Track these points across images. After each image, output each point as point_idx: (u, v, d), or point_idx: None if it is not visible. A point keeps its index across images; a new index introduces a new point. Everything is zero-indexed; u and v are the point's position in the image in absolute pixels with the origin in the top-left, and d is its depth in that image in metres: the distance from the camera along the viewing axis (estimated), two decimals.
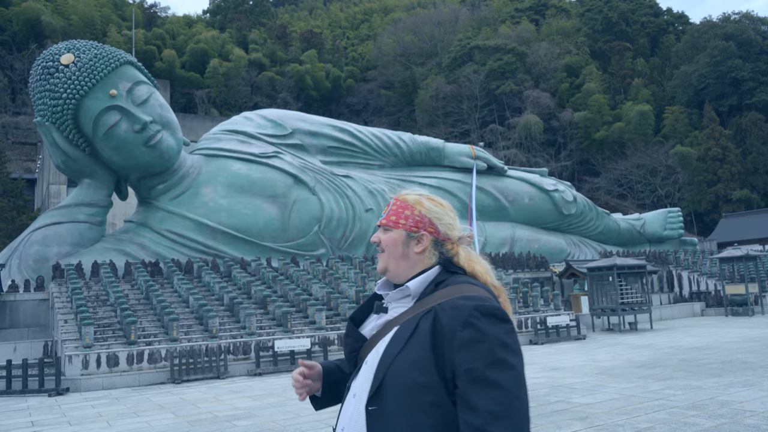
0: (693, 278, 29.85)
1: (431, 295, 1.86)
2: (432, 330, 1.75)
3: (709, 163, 52.96)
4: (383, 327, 1.92)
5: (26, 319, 18.79)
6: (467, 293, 1.79)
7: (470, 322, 1.70)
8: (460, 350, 1.69)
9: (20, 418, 10.77)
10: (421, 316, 1.81)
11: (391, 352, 1.79)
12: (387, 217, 2.02)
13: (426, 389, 1.70)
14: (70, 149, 21.01)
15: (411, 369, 1.73)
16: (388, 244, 1.98)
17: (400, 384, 1.73)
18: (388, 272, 1.99)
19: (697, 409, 8.16)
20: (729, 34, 60.88)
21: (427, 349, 1.73)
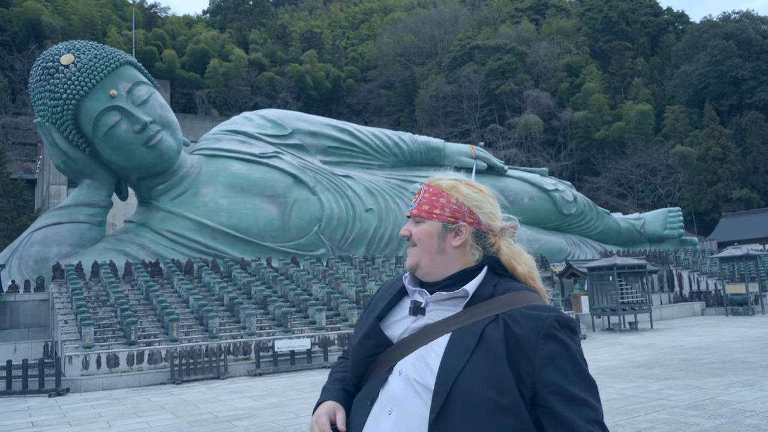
0: (693, 278, 29.84)
1: (488, 302, 1.65)
2: (506, 341, 1.55)
3: (710, 163, 52.95)
4: (420, 331, 1.67)
5: (26, 320, 18.80)
6: (533, 302, 1.64)
7: (553, 334, 1.55)
8: (545, 366, 1.53)
9: (20, 418, 10.77)
10: (485, 325, 1.58)
11: (453, 366, 1.54)
12: (419, 206, 1.77)
13: (508, 412, 1.49)
14: (70, 150, 21.01)
15: (485, 387, 1.50)
16: (421, 237, 1.76)
17: (474, 405, 1.49)
18: (419, 269, 1.76)
19: (697, 408, 8.15)
20: (729, 33, 60.86)
21: (503, 364, 1.52)
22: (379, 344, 1.72)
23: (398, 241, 26.00)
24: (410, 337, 1.68)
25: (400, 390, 1.61)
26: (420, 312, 1.71)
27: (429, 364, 1.60)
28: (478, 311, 1.63)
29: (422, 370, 1.60)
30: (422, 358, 1.62)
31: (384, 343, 1.72)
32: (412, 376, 1.61)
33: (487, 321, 1.59)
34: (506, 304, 1.63)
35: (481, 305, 1.64)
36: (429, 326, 1.67)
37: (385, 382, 1.66)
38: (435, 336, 1.64)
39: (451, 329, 1.63)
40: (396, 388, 1.62)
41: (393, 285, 1.88)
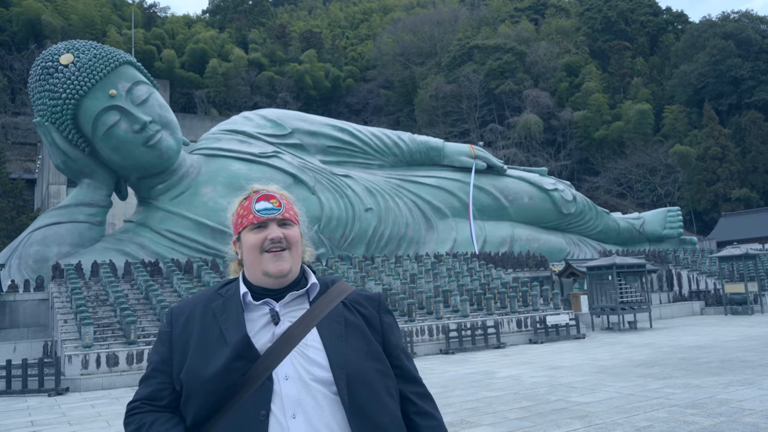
0: (692, 277, 29.86)
1: (327, 293, 1.85)
2: (364, 321, 1.83)
3: (709, 162, 52.98)
4: (285, 335, 1.72)
5: (26, 319, 18.80)
6: (352, 288, 1.94)
7: (387, 309, 1.93)
8: (389, 333, 1.88)
9: (20, 417, 10.78)
10: (342, 312, 1.81)
11: (338, 351, 1.72)
12: (287, 210, 1.84)
13: (386, 375, 1.78)
14: (69, 149, 21.01)
15: (367, 360, 1.75)
16: (297, 239, 1.83)
17: (367, 378, 1.72)
18: (290, 274, 1.80)
19: (696, 407, 8.17)
20: (728, 33, 60.89)
21: (371, 338, 1.81)
22: (250, 361, 1.70)
23: (398, 240, 26.02)
24: (278, 343, 1.72)
25: (296, 392, 1.67)
26: (278, 319, 1.77)
27: (313, 358, 1.71)
28: (325, 302, 1.81)
29: (309, 366, 1.70)
30: (303, 356, 1.71)
31: (255, 357, 1.70)
32: (302, 375, 1.69)
33: (341, 308, 1.82)
34: (341, 292, 1.87)
35: (324, 297, 1.83)
36: (292, 327, 1.75)
37: (271, 392, 1.66)
38: (302, 334, 1.74)
39: (314, 324, 1.76)
40: (291, 392, 1.66)
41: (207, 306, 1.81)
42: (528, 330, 19.81)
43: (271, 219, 1.80)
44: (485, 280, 23.22)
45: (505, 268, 25.78)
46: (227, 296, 1.83)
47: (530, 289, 21.93)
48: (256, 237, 1.79)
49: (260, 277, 1.80)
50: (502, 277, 23.63)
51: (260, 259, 1.78)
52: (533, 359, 14.85)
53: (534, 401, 9.25)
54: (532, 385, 10.91)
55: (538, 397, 9.56)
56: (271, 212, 1.80)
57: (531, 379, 11.66)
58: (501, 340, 18.55)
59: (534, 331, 19.33)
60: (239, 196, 1.92)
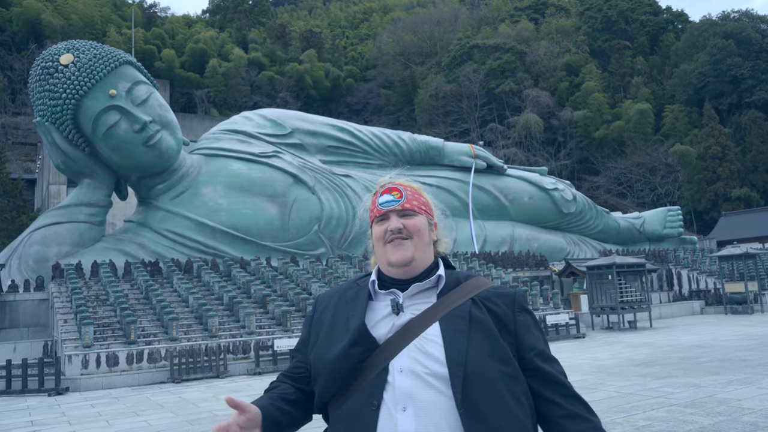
0: (692, 277, 29.86)
1: (457, 289, 1.79)
2: (492, 319, 1.73)
3: (709, 162, 52.97)
4: (406, 327, 1.73)
5: (26, 319, 18.81)
6: (490, 284, 1.85)
7: (523, 307, 1.82)
8: (525, 333, 1.77)
9: (20, 417, 10.79)
10: (469, 308, 1.73)
11: (458, 347, 1.66)
12: (409, 200, 1.86)
13: (514, 378, 1.68)
14: (69, 149, 21.02)
15: (492, 360, 1.66)
16: (418, 229, 1.83)
17: (488, 378, 1.63)
18: (414, 261, 1.81)
19: (695, 406, 8.17)
20: (728, 32, 60.87)
21: (498, 338, 1.71)
22: (367, 349, 1.73)
23: None
24: (397, 335, 1.72)
25: (408, 385, 1.64)
26: (401, 309, 1.77)
27: (430, 353, 1.67)
28: (453, 297, 1.77)
29: (425, 360, 1.67)
30: (420, 349, 1.69)
31: (373, 345, 1.73)
32: (417, 369, 1.66)
33: (469, 304, 1.75)
34: (474, 288, 1.80)
35: (453, 292, 1.78)
36: (413, 320, 1.74)
37: (385, 382, 1.67)
38: (423, 327, 1.71)
39: (436, 318, 1.72)
40: (404, 385, 1.65)
41: (355, 294, 1.88)
42: None
43: (392, 210, 1.84)
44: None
45: (505, 267, 25.78)
46: (362, 285, 1.89)
47: (530, 289, 21.93)
48: (379, 229, 1.85)
49: (387, 267, 1.85)
50: (502, 277, 23.63)
51: (384, 250, 1.83)
52: None
53: None
54: None
55: None
56: (391, 204, 1.84)
57: None
58: None
59: None
60: (372, 192, 1.98)
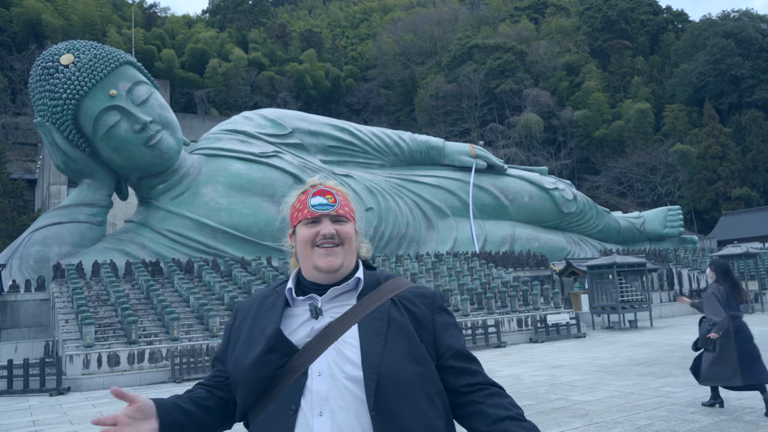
0: (693, 276, 29.87)
1: (377, 290, 1.79)
2: (410, 320, 1.73)
3: (709, 161, 52.99)
4: (325, 330, 1.71)
5: (27, 319, 18.83)
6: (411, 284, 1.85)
7: (442, 307, 1.82)
8: (443, 333, 1.77)
9: (22, 417, 10.81)
10: (388, 309, 1.72)
11: (374, 350, 1.65)
12: (342, 206, 1.83)
13: (428, 379, 1.67)
14: (70, 149, 21.04)
15: (407, 362, 1.65)
16: (350, 236, 1.82)
17: (402, 380, 1.63)
18: (341, 269, 1.79)
19: (696, 405, 8.18)
20: (729, 31, 60.89)
21: (416, 339, 1.70)
22: (285, 354, 1.70)
23: (398, 240, 26.04)
24: (317, 338, 1.71)
25: (325, 389, 1.63)
26: (320, 313, 1.75)
27: (347, 356, 1.66)
28: (373, 299, 1.76)
29: (343, 363, 1.65)
30: (339, 352, 1.67)
31: (290, 351, 1.70)
32: (334, 372, 1.65)
33: (387, 305, 1.75)
34: (394, 288, 1.80)
35: (373, 294, 1.78)
36: (333, 323, 1.72)
37: (304, 386, 1.65)
38: (343, 330, 1.70)
39: (356, 320, 1.72)
40: (321, 389, 1.63)
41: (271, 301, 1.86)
42: (528, 329, 19.82)
43: (325, 215, 1.80)
44: (486, 279, 23.24)
45: (505, 267, 25.80)
46: (280, 292, 1.87)
47: (531, 289, 21.94)
48: (309, 231, 1.80)
49: (312, 272, 1.81)
50: (502, 277, 23.65)
51: (312, 254, 1.79)
52: (534, 358, 14.87)
53: (534, 400, 9.27)
54: (532, 384, 10.93)
55: (539, 396, 9.58)
56: (325, 208, 1.80)
57: (531, 378, 11.68)
58: (501, 339, 18.57)
59: (534, 331, 19.35)
60: (298, 189, 1.92)
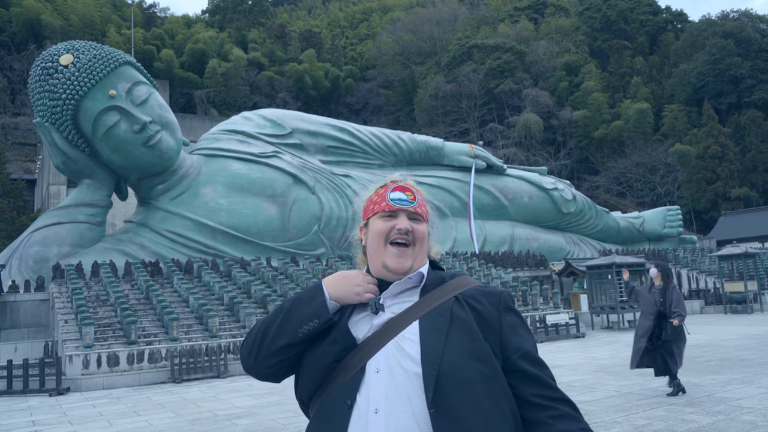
0: (692, 276, 29.89)
1: (441, 287, 1.74)
2: (475, 318, 1.67)
3: (708, 161, 53.02)
4: (385, 326, 1.68)
5: (27, 320, 18.84)
6: (477, 284, 1.78)
7: (510, 307, 1.74)
8: (511, 334, 1.69)
9: (21, 417, 10.81)
10: (450, 306, 1.68)
11: (434, 346, 1.60)
12: (420, 205, 1.80)
13: (492, 379, 1.61)
14: (69, 150, 21.05)
15: (470, 360, 1.60)
16: (424, 236, 1.78)
17: (464, 378, 1.57)
18: (410, 271, 1.75)
19: (694, 405, 8.20)
20: (728, 32, 60.92)
21: (479, 337, 1.64)
22: (345, 348, 1.68)
23: None
24: (376, 334, 1.68)
25: (383, 386, 1.60)
26: (381, 308, 1.72)
27: (407, 351, 1.62)
28: (436, 296, 1.71)
29: (402, 359, 1.62)
30: (398, 348, 1.64)
31: (351, 345, 1.69)
32: (392, 368, 1.61)
33: (451, 303, 1.69)
34: (458, 287, 1.74)
35: (437, 291, 1.73)
36: (393, 319, 1.69)
37: (361, 382, 1.63)
38: (402, 326, 1.67)
39: (416, 317, 1.68)
40: (378, 385, 1.60)
41: None
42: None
43: (403, 210, 1.77)
44: (485, 279, 23.25)
45: (504, 267, 25.81)
46: None
47: (530, 289, 21.96)
48: (384, 225, 1.76)
49: (380, 269, 1.77)
50: (501, 277, 23.66)
51: (383, 250, 1.76)
52: None
53: None
54: None
55: None
56: (404, 203, 1.77)
57: None
58: None
59: (534, 330, 19.37)
60: (376, 184, 1.88)
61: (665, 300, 9.04)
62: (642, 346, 9.00)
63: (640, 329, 9.19)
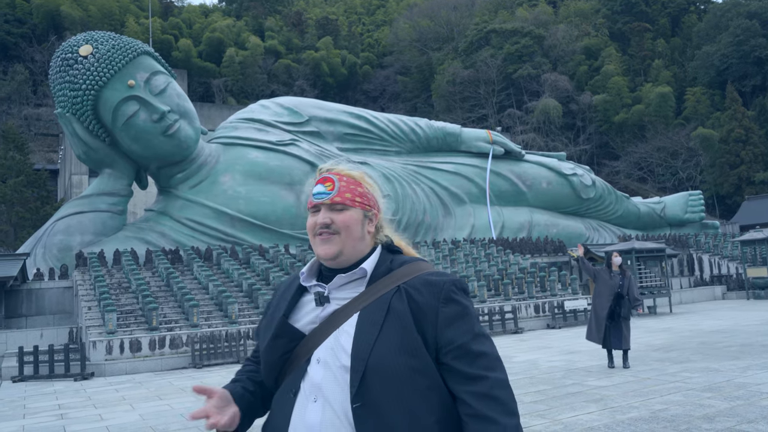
0: (714, 261, 29.52)
1: (388, 276, 1.74)
2: (410, 310, 1.66)
3: (732, 145, 52.07)
4: (329, 318, 1.72)
5: (51, 307, 19.24)
6: (429, 269, 1.76)
7: (451, 297, 1.69)
8: (446, 327, 1.66)
9: (48, 401, 11.10)
10: (390, 298, 1.68)
11: (366, 340, 1.62)
12: (340, 193, 1.79)
13: (420, 373, 1.61)
14: (90, 140, 21.33)
15: (399, 354, 1.61)
16: (349, 224, 1.77)
17: (390, 373, 1.59)
18: (341, 256, 1.77)
19: (713, 391, 8.15)
20: (753, 12, 59.50)
21: (412, 330, 1.64)
22: (291, 340, 1.74)
23: (415, 227, 26.06)
24: (321, 326, 1.72)
25: (320, 376, 1.65)
26: (326, 301, 1.75)
27: (342, 345, 1.66)
28: (379, 287, 1.72)
29: (338, 352, 1.66)
30: (336, 341, 1.68)
31: (296, 337, 1.74)
32: (330, 360, 1.66)
33: (391, 294, 1.69)
34: (404, 275, 1.73)
35: (382, 281, 1.73)
36: (337, 311, 1.72)
37: (305, 372, 1.69)
38: (345, 318, 1.70)
39: (358, 308, 1.70)
40: (316, 376, 1.66)
41: (289, 286, 1.90)
42: (546, 315, 19.79)
43: (321, 203, 1.80)
44: (503, 265, 23.19)
45: (523, 253, 25.71)
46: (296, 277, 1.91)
47: (548, 275, 21.86)
48: (311, 221, 1.83)
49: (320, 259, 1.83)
50: (519, 263, 23.58)
51: (314, 242, 1.81)
52: (550, 344, 14.87)
53: (550, 385, 9.29)
54: (548, 369, 10.95)
55: (555, 381, 9.60)
56: (322, 196, 1.80)
57: (548, 363, 11.69)
58: (519, 326, 18.57)
59: (552, 317, 19.31)
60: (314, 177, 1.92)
61: (623, 284, 10.57)
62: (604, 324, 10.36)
63: (600, 309, 10.44)
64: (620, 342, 10.30)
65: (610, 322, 10.35)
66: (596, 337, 10.46)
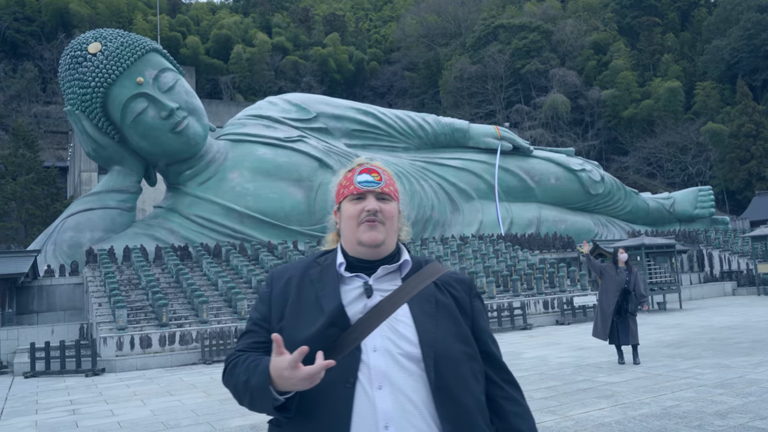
0: (724, 257, 29.33)
1: (420, 273, 1.85)
2: (454, 303, 1.83)
3: (742, 140, 51.65)
4: (376, 308, 1.76)
5: (62, 303, 19.37)
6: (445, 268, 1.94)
7: (477, 293, 1.94)
8: (479, 318, 1.89)
9: (59, 396, 11.18)
10: (434, 292, 1.81)
11: (428, 329, 1.74)
12: (387, 185, 1.87)
13: (473, 359, 1.79)
14: (99, 137, 21.43)
15: (456, 342, 1.76)
16: (392, 215, 1.85)
17: (455, 358, 1.73)
18: (383, 245, 1.82)
19: (724, 387, 8.10)
20: (764, 5, 58.91)
21: (460, 321, 1.82)
22: (342, 329, 1.73)
23: (423, 223, 26.04)
24: (368, 315, 1.74)
25: (384, 364, 1.68)
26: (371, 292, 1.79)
27: (402, 333, 1.73)
28: (417, 281, 1.83)
29: (398, 340, 1.72)
30: (393, 330, 1.73)
31: (346, 326, 1.74)
32: (390, 348, 1.70)
33: (433, 288, 1.83)
34: (434, 273, 1.87)
35: (416, 276, 1.84)
36: (383, 301, 1.77)
37: (359, 361, 1.68)
38: (393, 309, 1.76)
39: (404, 300, 1.78)
40: (379, 364, 1.68)
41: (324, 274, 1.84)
42: (555, 311, 19.74)
43: (370, 191, 1.84)
44: (511, 261, 23.14)
45: (531, 249, 25.64)
46: (324, 265, 1.88)
47: (557, 271, 21.79)
48: (355, 207, 1.84)
49: (355, 247, 1.84)
50: (528, 259, 23.52)
51: (356, 229, 1.82)
52: (560, 340, 14.83)
53: (560, 381, 9.27)
54: (558, 365, 10.92)
55: (565, 377, 9.57)
56: (371, 185, 1.84)
57: (557, 359, 11.66)
58: (528, 322, 18.53)
59: (561, 312, 19.26)
60: (345, 168, 1.96)
61: (630, 280, 10.58)
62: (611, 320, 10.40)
63: (607, 306, 10.49)
64: (628, 337, 10.37)
65: (617, 317, 10.41)
66: (602, 334, 10.53)
